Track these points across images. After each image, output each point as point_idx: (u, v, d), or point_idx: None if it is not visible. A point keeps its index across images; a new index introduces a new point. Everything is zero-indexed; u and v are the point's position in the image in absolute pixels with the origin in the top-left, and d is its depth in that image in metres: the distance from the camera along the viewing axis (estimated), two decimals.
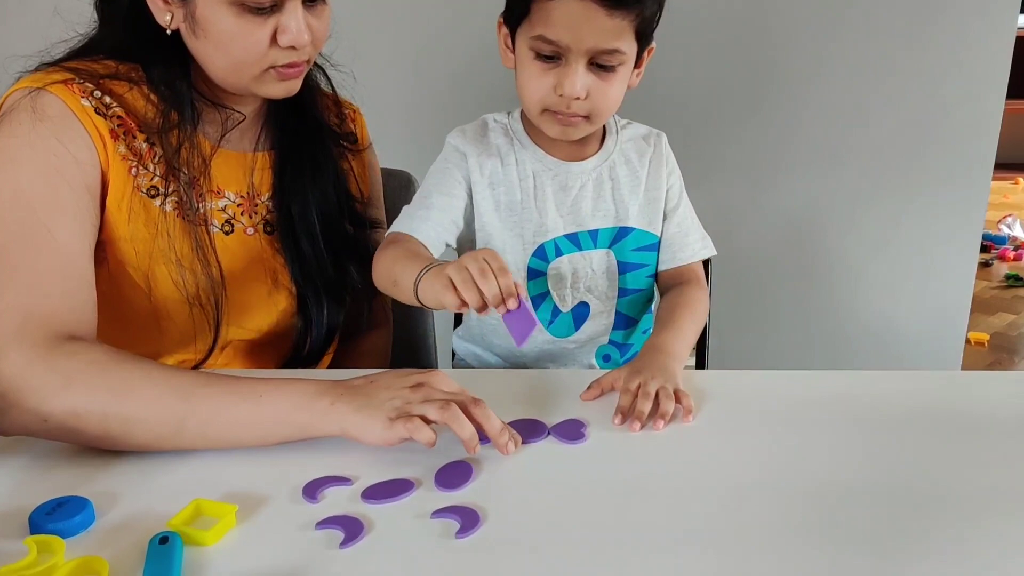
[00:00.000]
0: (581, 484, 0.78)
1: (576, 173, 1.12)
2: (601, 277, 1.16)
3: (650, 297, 1.22)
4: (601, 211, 1.14)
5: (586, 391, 0.94)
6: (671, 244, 1.18)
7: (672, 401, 0.89)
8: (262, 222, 1.05)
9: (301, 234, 1.06)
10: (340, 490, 0.77)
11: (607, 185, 1.14)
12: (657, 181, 1.16)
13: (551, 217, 1.12)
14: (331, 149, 1.11)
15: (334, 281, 1.08)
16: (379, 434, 0.79)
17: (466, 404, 0.81)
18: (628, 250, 1.16)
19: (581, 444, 0.85)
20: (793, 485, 0.77)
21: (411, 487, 0.77)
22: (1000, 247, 4.03)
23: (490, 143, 1.12)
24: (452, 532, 0.70)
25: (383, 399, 0.81)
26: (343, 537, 0.70)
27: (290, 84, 0.97)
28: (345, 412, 0.80)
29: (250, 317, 1.03)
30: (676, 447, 0.85)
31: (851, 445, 0.84)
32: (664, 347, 1.00)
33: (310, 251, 1.06)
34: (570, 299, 1.16)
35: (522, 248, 1.12)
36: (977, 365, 2.90)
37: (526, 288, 0.87)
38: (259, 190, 1.05)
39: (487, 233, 1.12)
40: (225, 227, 1.02)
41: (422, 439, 0.78)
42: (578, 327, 1.17)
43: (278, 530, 0.71)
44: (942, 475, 0.79)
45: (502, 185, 1.11)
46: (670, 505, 0.74)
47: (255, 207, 1.05)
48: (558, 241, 1.12)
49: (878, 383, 0.99)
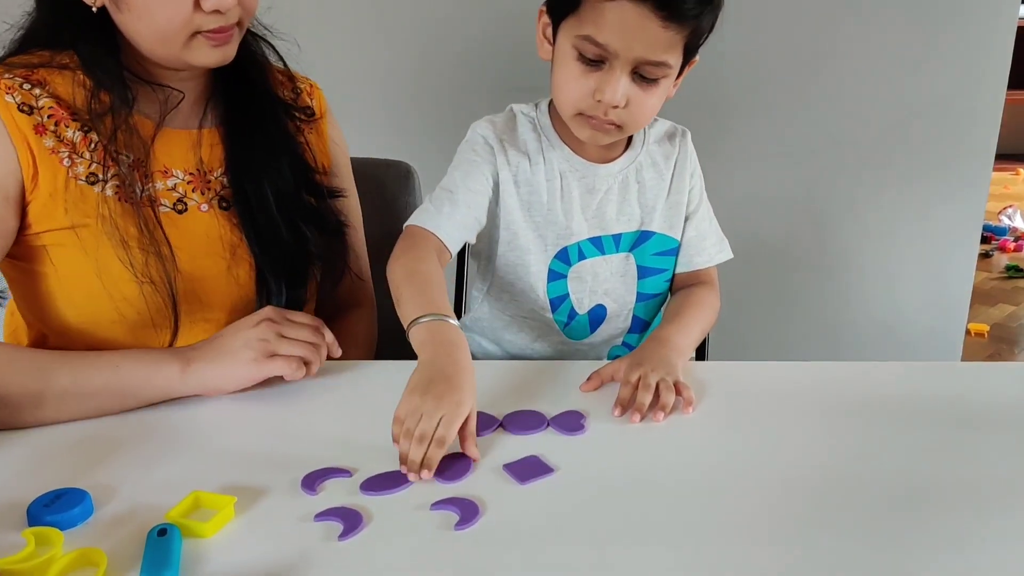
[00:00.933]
0: (580, 476, 0.78)
1: (603, 176, 1.10)
2: (619, 281, 1.15)
3: (666, 299, 1.21)
4: (626, 215, 1.12)
5: (586, 382, 0.94)
6: (688, 248, 1.16)
7: (672, 393, 0.89)
8: (216, 198, 1.05)
9: (256, 208, 1.05)
10: (339, 482, 0.77)
11: (633, 188, 1.12)
12: (681, 184, 1.14)
13: (576, 221, 1.10)
14: (284, 122, 1.10)
15: (293, 252, 1.07)
16: (243, 377, 0.91)
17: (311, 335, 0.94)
18: (649, 254, 1.14)
19: (580, 436, 0.85)
20: (794, 477, 0.77)
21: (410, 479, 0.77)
22: (1000, 238, 4.03)
23: (519, 138, 1.09)
24: (451, 524, 0.70)
25: (236, 346, 0.91)
26: (342, 529, 0.69)
27: (224, 51, 0.95)
28: (201, 368, 0.90)
29: (212, 293, 1.03)
30: (676, 439, 0.84)
31: (854, 438, 0.84)
32: (667, 340, 0.99)
33: (265, 224, 1.05)
34: (587, 302, 1.15)
35: (544, 250, 1.11)
36: (977, 356, 2.90)
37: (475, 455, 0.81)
38: (210, 166, 1.05)
39: (512, 232, 1.09)
40: (177, 206, 1.01)
41: (288, 374, 0.91)
42: (594, 329, 1.17)
43: (277, 522, 0.71)
44: (941, 467, 0.79)
45: (528, 185, 1.08)
46: (670, 497, 0.74)
47: (207, 183, 1.04)
48: (582, 245, 1.11)
49: (878, 374, 0.98)
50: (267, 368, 0.91)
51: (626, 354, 1.18)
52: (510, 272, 1.12)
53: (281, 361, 0.91)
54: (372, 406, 0.90)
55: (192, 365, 0.90)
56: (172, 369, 0.90)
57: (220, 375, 0.91)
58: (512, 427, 0.85)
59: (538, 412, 0.88)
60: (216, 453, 0.81)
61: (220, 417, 0.89)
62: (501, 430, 0.86)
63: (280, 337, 0.92)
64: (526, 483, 0.76)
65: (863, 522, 0.70)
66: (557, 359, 1.17)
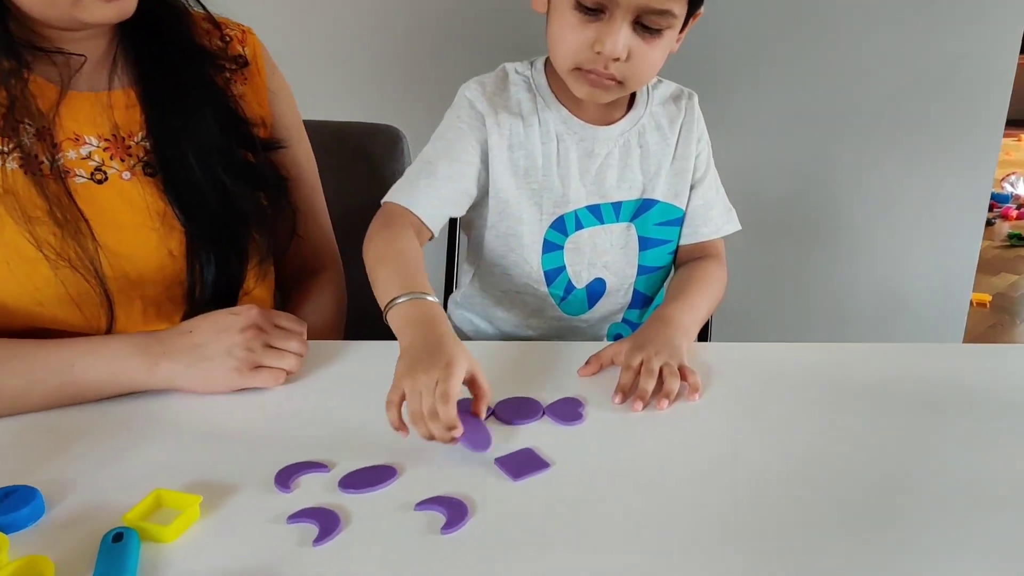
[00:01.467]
0: (578, 471, 0.71)
1: (603, 139, 1.03)
2: (620, 253, 1.08)
3: (668, 273, 1.14)
4: (627, 182, 1.05)
5: (584, 366, 0.88)
6: (694, 218, 1.09)
7: (677, 379, 0.82)
8: (139, 164, 0.97)
9: (177, 171, 0.97)
10: (316, 477, 0.71)
11: (635, 153, 1.05)
12: (687, 149, 1.07)
13: (574, 187, 1.03)
14: (207, 75, 1.01)
15: (224, 216, 0.99)
16: (221, 385, 0.84)
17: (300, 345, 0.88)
18: (651, 224, 1.08)
19: (578, 425, 0.78)
20: (806, 471, 0.71)
21: (393, 474, 0.70)
22: (1003, 206, 3.97)
23: (511, 99, 1.02)
24: (438, 526, 0.64)
25: (217, 352, 0.84)
26: (317, 532, 0.63)
27: (120, 5, 0.87)
28: (175, 370, 0.83)
29: (145, 269, 0.96)
30: (682, 429, 0.78)
31: (866, 427, 0.78)
32: (671, 319, 0.93)
33: (187, 187, 0.97)
34: (586, 275, 1.08)
35: (539, 219, 1.04)
36: (979, 327, 2.85)
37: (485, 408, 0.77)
38: (129, 130, 0.96)
39: (502, 201, 1.03)
40: (96, 175, 0.93)
41: (271, 385, 0.85)
42: (592, 305, 1.10)
43: (246, 524, 0.65)
44: (960, 457, 0.73)
45: (522, 148, 1.01)
46: (676, 493, 0.68)
47: (127, 150, 0.96)
48: (579, 213, 1.04)
49: (890, 357, 0.93)
50: (250, 380, 0.84)
51: (627, 332, 1.13)
52: (502, 244, 1.05)
53: (267, 374, 0.85)
54: (352, 392, 0.85)
55: (162, 364, 0.83)
56: (137, 367, 0.83)
57: (195, 380, 0.84)
58: (504, 415, 0.79)
59: (533, 399, 0.82)
60: (181, 446, 0.75)
61: (186, 407, 0.82)
62: (493, 419, 0.79)
63: (267, 348, 0.86)
64: (519, 479, 0.70)
65: (875, 516, 0.65)
66: (553, 337, 1.10)
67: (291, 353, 0.87)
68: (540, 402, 0.81)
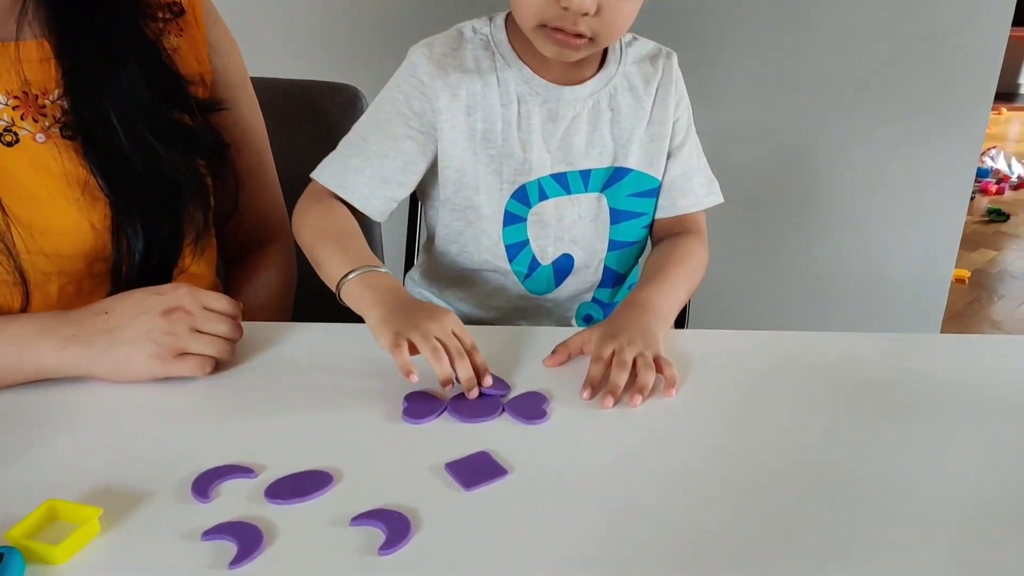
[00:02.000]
0: (540, 478, 0.63)
1: (569, 100, 0.93)
2: (589, 226, 0.99)
3: (643, 249, 1.06)
4: (596, 148, 0.96)
5: (550, 356, 0.79)
6: (672, 189, 1.00)
7: (652, 371, 0.74)
8: (56, 125, 0.86)
9: (102, 135, 0.86)
10: (239, 484, 0.62)
11: (605, 116, 0.95)
12: (664, 114, 0.97)
13: (536, 153, 0.94)
14: (135, 24, 0.90)
15: (153, 185, 0.89)
16: (139, 373, 0.74)
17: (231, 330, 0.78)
18: (623, 195, 0.98)
19: (542, 424, 0.70)
20: (791, 474, 0.63)
21: (328, 482, 0.62)
22: (983, 180, 3.92)
23: (465, 58, 0.92)
24: (375, 546, 0.55)
25: (135, 335, 0.74)
26: (235, 552, 0.55)
27: None
28: (87, 355, 0.74)
29: (64, 243, 0.86)
30: (657, 428, 0.70)
31: (853, 426, 0.71)
32: (647, 304, 0.84)
33: (109, 151, 0.87)
34: (552, 251, 0.99)
35: (499, 188, 0.94)
36: (957, 304, 2.81)
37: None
38: (43, 87, 0.86)
39: (458, 171, 0.93)
40: (5, 136, 0.83)
41: (197, 374, 0.75)
42: (559, 283, 1.01)
43: (153, 542, 0.56)
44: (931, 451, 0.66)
45: (480, 110, 0.92)
46: (649, 501, 0.60)
47: (41, 109, 0.85)
48: (543, 182, 0.95)
49: (884, 348, 0.85)
50: (172, 368, 0.75)
51: (597, 312, 1.04)
52: (458, 217, 0.96)
53: (192, 362, 0.75)
54: (290, 383, 0.76)
55: (72, 348, 0.74)
56: (43, 350, 0.74)
57: (109, 368, 0.74)
58: (458, 413, 0.71)
59: (491, 393, 0.73)
60: (83, 446, 0.66)
61: (91, 399, 0.73)
62: (445, 416, 0.71)
63: (193, 332, 0.76)
64: (472, 489, 0.62)
65: (864, 518, 0.58)
66: (516, 318, 1.02)
67: (220, 338, 0.77)
68: (499, 396, 0.73)
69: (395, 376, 0.75)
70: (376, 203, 0.91)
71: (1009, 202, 3.87)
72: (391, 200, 0.93)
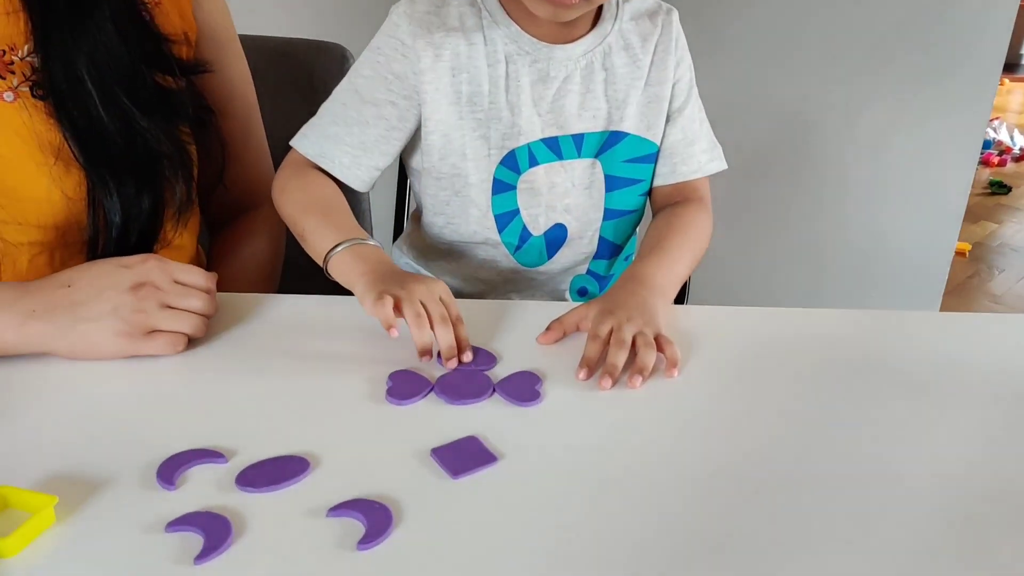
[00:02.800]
0: (533, 465, 0.59)
1: (560, 60, 0.88)
2: (584, 193, 0.94)
3: (640, 219, 1.00)
4: (589, 110, 0.90)
5: (544, 333, 0.75)
6: (672, 154, 0.95)
7: (653, 351, 0.70)
8: (27, 84, 0.80)
9: (76, 97, 0.81)
10: (209, 470, 0.57)
11: (599, 77, 0.90)
12: (663, 74, 0.92)
13: (526, 116, 0.88)
14: None
15: (127, 153, 0.83)
16: (105, 351, 0.69)
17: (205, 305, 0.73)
18: (618, 161, 0.93)
19: (535, 407, 0.66)
20: (797, 461, 0.59)
21: (305, 468, 0.57)
22: (985, 152, 3.86)
23: (450, 16, 0.86)
24: (354, 540, 0.51)
25: (101, 311, 0.69)
26: (201, 546, 0.50)
27: None
28: (48, 332, 0.68)
29: (32, 211, 0.80)
30: (657, 411, 0.66)
31: (861, 404, 0.67)
32: (646, 278, 0.80)
33: (84, 118, 0.81)
34: (543, 220, 0.94)
35: (487, 154, 0.89)
36: (957, 277, 2.78)
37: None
38: (12, 41, 0.80)
39: (441, 135, 0.88)
40: None
41: (168, 352, 0.70)
42: (551, 255, 0.96)
43: (113, 533, 0.52)
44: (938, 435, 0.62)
45: (465, 71, 0.87)
46: (647, 487, 0.56)
47: (8, 65, 0.80)
48: (533, 147, 0.90)
49: (885, 325, 0.81)
50: (141, 347, 0.69)
51: (593, 285, 1.00)
52: (445, 186, 0.92)
53: (162, 340, 0.70)
54: (266, 360, 0.71)
55: (32, 324, 0.68)
56: (1, 323, 0.68)
57: (73, 346, 0.69)
58: (446, 394, 0.66)
59: (481, 373, 0.69)
60: (35, 429, 0.61)
61: (45, 376, 0.68)
62: (432, 397, 0.66)
63: (164, 308, 0.71)
64: (459, 477, 0.57)
65: (865, 503, 0.54)
66: (508, 291, 0.97)
67: (193, 314, 0.72)
68: (490, 378, 0.68)
69: (380, 353, 0.71)
70: (358, 173, 0.88)
71: (1011, 174, 3.82)
72: (373, 169, 0.89)
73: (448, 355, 0.69)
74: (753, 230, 1.99)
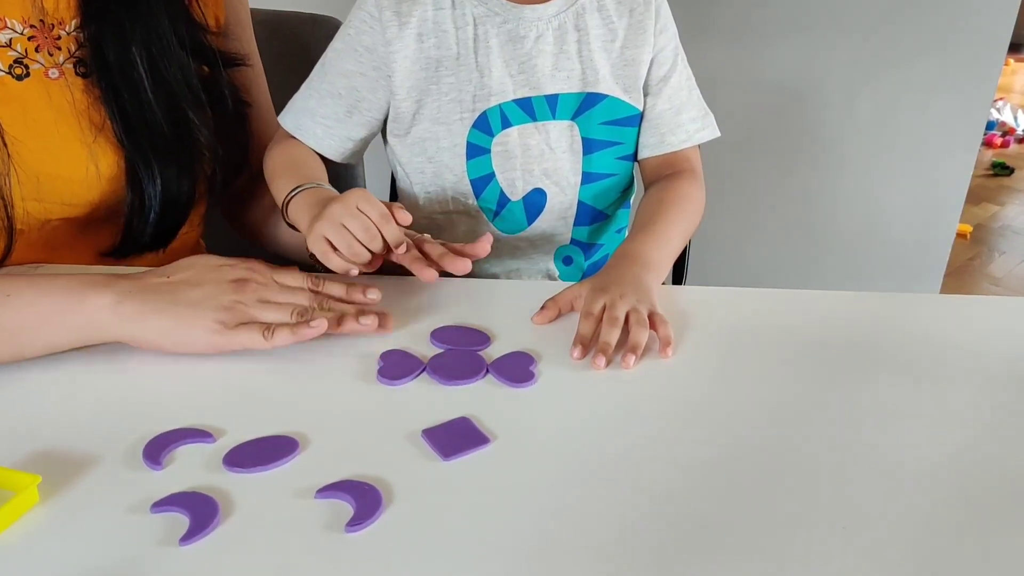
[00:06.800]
0: (526, 447, 0.58)
1: (530, 20, 0.87)
2: (561, 157, 0.92)
3: (627, 186, 0.99)
4: (563, 71, 0.89)
5: (538, 312, 0.74)
6: (659, 124, 0.94)
7: (646, 329, 0.69)
8: (72, 60, 0.80)
9: (121, 78, 0.80)
10: (196, 450, 0.57)
11: (571, 37, 0.89)
12: (639, 38, 0.90)
13: (496, 77, 0.87)
14: None
15: (171, 139, 0.83)
16: (197, 344, 0.65)
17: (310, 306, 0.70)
18: (595, 123, 0.92)
19: (528, 388, 0.65)
20: (791, 438, 0.58)
21: (294, 448, 0.57)
22: (988, 132, 3.84)
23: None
24: (342, 521, 0.50)
25: (199, 298, 0.66)
26: (187, 527, 0.50)
27: None
28: (142, 315, 0.64)
29: (66, 189, 0.80)
30: (650, 391, 0.65)
31: (858, 387, 0.65)
32: (639, 255, 0.79)
33: (134, 101, 0.81)
34: (521, 184, 0.93)
35: (459, 117, 0.88)
36: (959, 259, 2.76)
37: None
38: (59, 16, 0.79)
39: (414, 101, 0.88)
40: (15, 69, 0.77)
41: (259, 344, 0.65)
42: (531, 220, 0.95)
43: (98, 513, 0.51)
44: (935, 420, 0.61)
45: (433, 36, 0.86)
46: (641, 468, 0.55)
47: (56, 41, 0.79)
48: (505, 108, 0.88)
49: (882, 307, 0.80)
50: (234, 338, 0.65)
51: (578, 256, 0.99)
52: (419, 152, 0.91)
53: (255, 329, 0.65)
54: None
55: (128, 303, 0.64)
56: (99, 300, 0.64)
57: (164, 331, 0.64)
58: (438, 374, 0.65)
59: (474, 352, 0.68)
60: (19, 406, 0.60)
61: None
62: (424, 377, 0.65)
63: (263, 303, 0.68)
64: (451, 458, 0.56)
65: (860, 486, 0.52)
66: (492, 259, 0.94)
67: (293, 305, 0.68)
68: (483, 358, 0.67)
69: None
70: (331, 143, 0.89)
71: (1014, 156, 3.79)
72: (347, 139, 0.90)
73: (394, 246, 0.72)
74: (751, 210, 1.97)
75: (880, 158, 1.92)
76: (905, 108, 1.86)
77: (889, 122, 1.87)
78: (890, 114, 1.87)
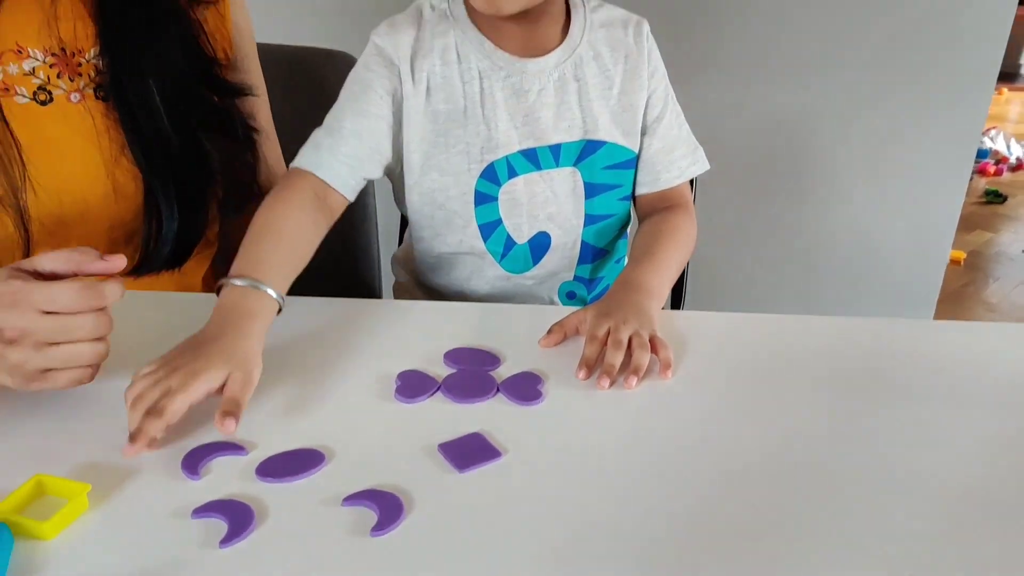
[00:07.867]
0: (536, 461, 0.63)
1: (533, 73, 0.91)
2: (565, 202, 0.97)
3: (625, 222, 1.04)
4: (565, 121, 0.93)
5: (545, 336, 0.78)
6: (653, 164, 0.99)
7: (647, 351, 0.74)
8: (91, 86, 0.84)
9: (137, 104, 0.85)
10: (231, 462, 0.61)
11: (571, 87, 0.93)
12: (635, 83, 0.95)
13: (503, 130, 0.92)
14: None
15: (185, 163, 0.87)
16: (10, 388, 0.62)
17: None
18: (597, 168, 0.96)
19: (537, 406, 0.69)
20: (793, 460, 0.63)
21: (320, 460, 0.61)
22: (981, 161, 3.90)
23: (426, 36, 0.90)
24: (367, 527, 0.55)
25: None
26: (225, 531, 0.54)
27: None
28: None
29: (87, 213, 0.84)
30: (652, 410, 0.69)
31: (855, 409, 0.70)
32: (639, 283, 0.84)
33: (151, 127, 0.85)
34: (527, 229, 0.97)
35: (467, 169, 0.92)
36: (953, 284, 2.81)
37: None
38: (79, 45, 0.84)
39: (424, 154, 0.92)
40: (39, 95, 0.82)
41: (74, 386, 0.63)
42: (536, 261, 0.99)
43: (143, 519, 0.56)
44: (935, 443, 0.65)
45: (441, 91, 0.90)
46: (643, 483, 0.60)
47: (76, 67, 0.84)
48: (511, 159, 0.93)
49: (877, 333, 0.84)
50: (41, 387, 0.62)
51: (582, 290, 1.03)
52: (428, 200, 0.95)
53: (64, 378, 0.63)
54: (281, 358, 0.75)
55: None
56: None
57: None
58: (452, 393, 0.70)
59: (485, 372, 0.73)
60: (70, 422, 0.65)
61: None
62: (439, 396, 0.70)
63: (45, 348, 0.61)
64: (466, 471, 0.61)
65: (857, 510, 0.57)
66: (500, 299, 1.00)
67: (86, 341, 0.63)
68: (494, 378, 0.72)
69: (388, 354, 0.75)
70: (353, 183, 0.89)
71: (1007, 184, 3.86)
72: (363, 180, 0.90)
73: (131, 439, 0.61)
74: (747, 236, 2.01)
75: (873, 186, 1.95)
76: (898, 137, 1.90)
77: (882, 151, 1.91)
78: (882, 143, 1.91)
